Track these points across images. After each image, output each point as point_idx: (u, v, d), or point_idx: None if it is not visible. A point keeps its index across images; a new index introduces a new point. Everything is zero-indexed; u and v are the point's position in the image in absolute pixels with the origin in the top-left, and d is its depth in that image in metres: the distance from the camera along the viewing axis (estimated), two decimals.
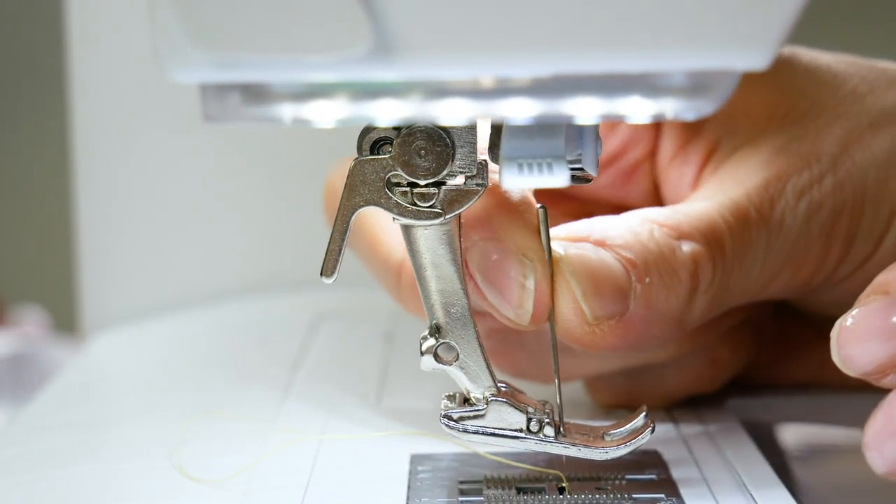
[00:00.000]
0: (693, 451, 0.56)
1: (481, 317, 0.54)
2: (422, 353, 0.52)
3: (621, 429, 0.53)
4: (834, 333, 0.48)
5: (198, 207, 0.88)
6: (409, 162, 0.50)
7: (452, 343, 0.52)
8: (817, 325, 0.63)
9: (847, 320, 0.47)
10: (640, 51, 0.41)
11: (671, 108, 0.43)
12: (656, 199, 0.62)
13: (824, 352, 0.51)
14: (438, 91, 0.44)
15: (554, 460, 0.54)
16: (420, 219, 0.51)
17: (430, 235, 0.51)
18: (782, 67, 0.59)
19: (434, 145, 0.50)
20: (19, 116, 1.95)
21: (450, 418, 0.52)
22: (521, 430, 0.52)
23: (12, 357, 1.03)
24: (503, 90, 0.43)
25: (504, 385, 0.53)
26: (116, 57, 0.87)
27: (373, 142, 0.51)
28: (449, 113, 0.44)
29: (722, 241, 0.54)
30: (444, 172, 0.50)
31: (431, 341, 0.52)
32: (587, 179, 0.51)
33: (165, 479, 0.55)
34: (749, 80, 0.46)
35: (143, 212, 0.88)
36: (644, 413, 0.53)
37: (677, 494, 0.52)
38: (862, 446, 0.47)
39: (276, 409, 0.63)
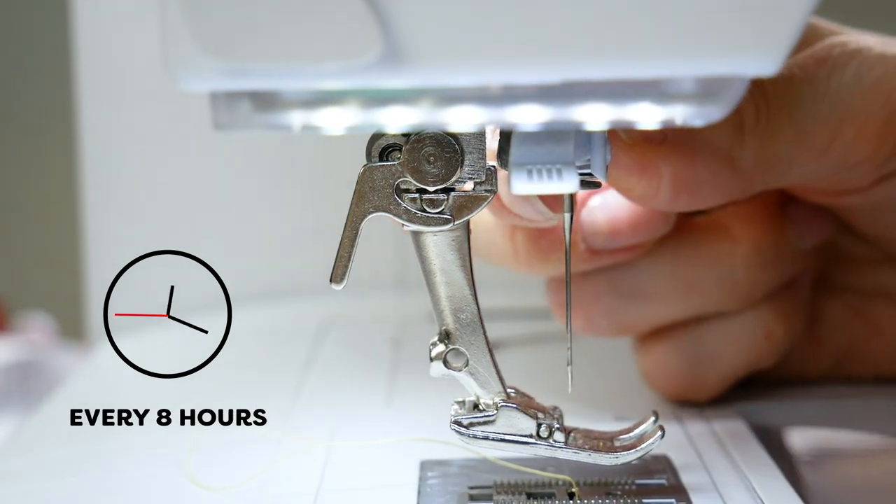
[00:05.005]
0: (702, 456, 0.56)
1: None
2: (431, 359, 0.52)
3: (631, 434, 0.53)
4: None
5: (205, 214, 0.88)
6: (418, 168, 0.50)
7: (462, 349, 0.52)
8: (852, 306, 0.65)
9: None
10: (650, 57, 0.41)
11: (680, 114, 0.43)
12: None
13: (848, 337, 0.59)
14: (448, 98, 0.44)
15: (564, 466, 0.54)
16: (429, 225, 0.51)
17: (439, 242, 0.51)
18: None
19: (443, 152, 0.50)
20: (27, 123, 1.95)
21: (460, 424, 0.52)
22: (530, 436, 0.52)
23: (19, 364, 1.03)
24: (512, 97, 0.43)
25: (513, 391, 0.53)
26: (124, 65, 0.87)
27: (382, 148, 0.51)
28: (458, 119, 0.44)
29: (761, 83, 0.54)
30: (453, 179, 0.50)
31: (441, 347, 0.52)
32: (596, 185, 0.51)
33: (175, 486, 0.55)
34: None
35: (150, 218, 0.88)
36: (653, 418, 0.53)
37: (687, 499, 0.52)
38: None
39: (285, 415, 0.63)
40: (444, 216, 0.51)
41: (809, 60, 0.56)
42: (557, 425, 0.52)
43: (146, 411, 0.70)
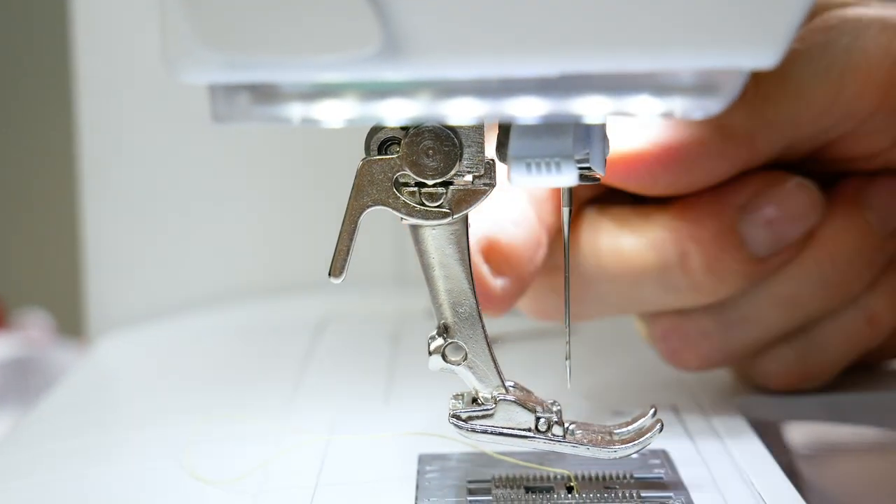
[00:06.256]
0: (701, 451, 0.56)
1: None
2: (430, 354, 0.52)
3: (629, 428, 0.53)
4: None
5: (204, 210, 0.88)
6: (416, 162, 0.50)
7: (460, 343, 0.52)
8: None
9: None
10: (649, 50, 0.41)
11: (679, 106, 0.43)
12: None
13: None
14: (446, 90, 0.44)
15: (562, 459, 0.54)
16: (428, 219, 0.51)
17: (438, 235, 0.51)
18: None
19: (442, 145, 0.50)
20: (25, 118, 1.95)
21: (458, 418, 0.52)
22: (529, 430, 0.52)
23: (17, 361, 1.03)
24: (511, 89, 0.43)
25: (512, 385, 0.53)
26: (122, 58, 0.87)
27: (381, 142, 0.51)
28: (457, 112, 0.44)
29: None
30: (452, 172, 0.50)
31: (439, 341, 0.52)
32: (595, 179, 0.51)
33: (175, 480, 0.55)
34: None
35: (148, 214, 0.89)
36: (652, 412, 0.53)
37: (685, 493, 0.52)
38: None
39: (284, 410, 0.63)
40: (443, 210, 0.51)
41: (804, 31, 0.56)
42: (556, 419, 0.52)
43: (144, 406, 0.70)
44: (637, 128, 0.57)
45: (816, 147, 0.59)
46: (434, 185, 0.50)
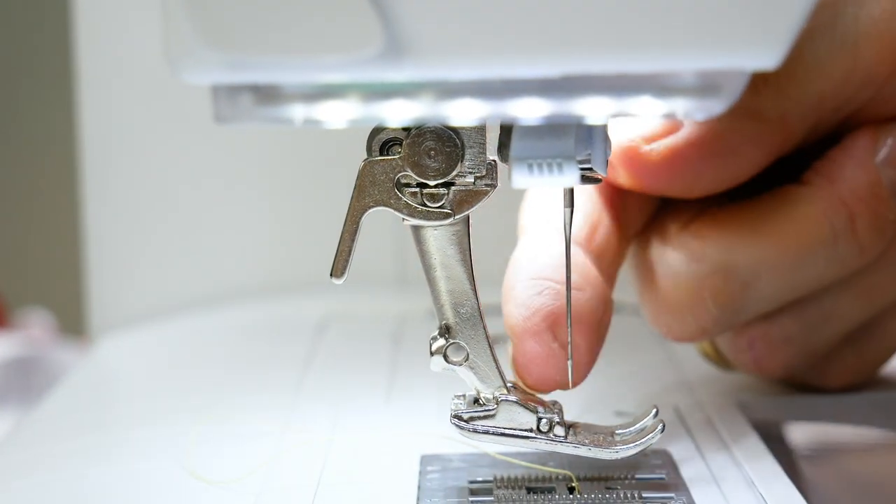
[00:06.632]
0: (702, 451, 0.56)
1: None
2: (431, 354, 0.52)
3: (631, 428, 0.53)
4: None
5: (206, 210, 0.88)
6: (418, 163, 0.50)
7: (462, 343, 0.52)
8: None
9: None
10: (651, 51, 0.41)
11: (681, 107, 0.43)
12: None
13: None
14: (449, 91, 0.44)
15: (564, 460, 0.54)
16: (430, 219, 0.51)
17: (439, 236, 0.51)
18: None
19: (443, 146, 0.50)
20: (27, 118, 1.95)
21: (460, 418, 0.52)
22: (531, 430, 0.52)
23: (19, 360, 1.03)
24: (513, 90, 0.44)
25: (514, 385, 0.53)
26: (125, 58, 0.87)
27: (382, 142, 0.51)
28: (459, 113, 0.44)
29: None
30: (454, 173, 0.50)
31: (441, 342, 0.52)
32: (597, 180, 0.51)
33: (176, 480, 0.55)
34: None
35: (150, 214, 0.89)
36: (654, 412, 0.53)
37: (687, 494, 0.52)
38: None
39: (285, 410, 0.63)
40: (445, 210, 0.51)
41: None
42: (558, 420, 0.52)
43: (146, 406, 0.70)
44: (665, 127, 0.57)
45: (842, 119, 0.59)
46: (436, 186, 0.50)
